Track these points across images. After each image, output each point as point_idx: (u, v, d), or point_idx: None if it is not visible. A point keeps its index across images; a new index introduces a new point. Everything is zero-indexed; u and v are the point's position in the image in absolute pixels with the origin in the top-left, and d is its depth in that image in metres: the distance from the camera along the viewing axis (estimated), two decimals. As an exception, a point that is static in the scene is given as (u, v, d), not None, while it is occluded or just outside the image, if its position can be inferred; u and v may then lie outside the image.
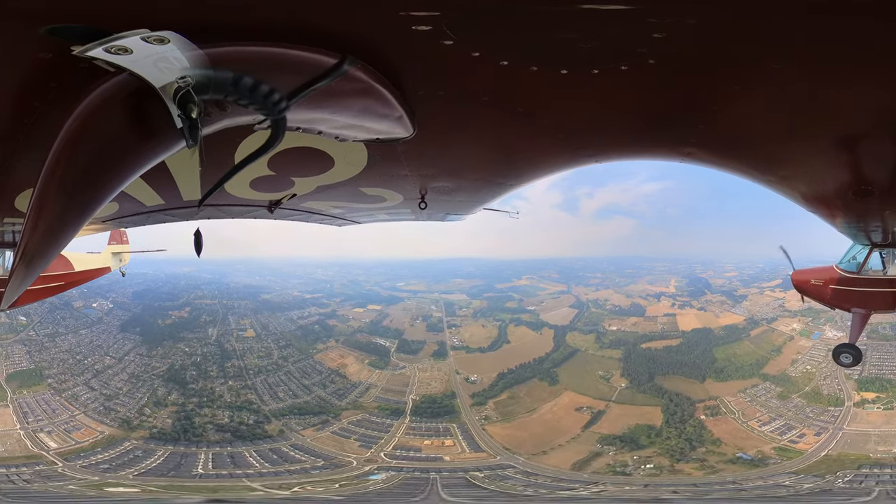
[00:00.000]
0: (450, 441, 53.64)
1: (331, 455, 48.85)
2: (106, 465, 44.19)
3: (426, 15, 4.10)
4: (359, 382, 61.79)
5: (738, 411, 56.93)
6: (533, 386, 64.46)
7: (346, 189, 9.14)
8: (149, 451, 46.70)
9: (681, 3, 4.01)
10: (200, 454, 47.06)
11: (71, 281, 18.64)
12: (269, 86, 4.03)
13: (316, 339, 70.59)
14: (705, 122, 6.29)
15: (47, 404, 51.27)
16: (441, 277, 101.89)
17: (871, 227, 12.17)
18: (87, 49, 3.51)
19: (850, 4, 3.99)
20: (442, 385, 63.24)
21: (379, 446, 51.03)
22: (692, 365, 66.07)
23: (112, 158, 4.29)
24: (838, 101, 5.49)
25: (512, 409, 60.46)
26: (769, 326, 71.65)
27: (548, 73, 5.04)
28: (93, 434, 48.65)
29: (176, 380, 57.46)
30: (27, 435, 46.80)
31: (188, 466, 45.22)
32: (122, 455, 46.09)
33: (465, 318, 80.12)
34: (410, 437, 53.55)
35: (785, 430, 53.44)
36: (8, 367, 53.72)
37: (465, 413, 58.54)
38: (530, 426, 57.60)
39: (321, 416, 54.56)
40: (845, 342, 16.85)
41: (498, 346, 73.05)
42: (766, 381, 61.07)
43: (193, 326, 69.29)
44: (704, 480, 47.04)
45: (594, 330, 75.60)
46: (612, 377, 65.63)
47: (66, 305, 64.73)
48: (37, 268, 4.63)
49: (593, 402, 61.05)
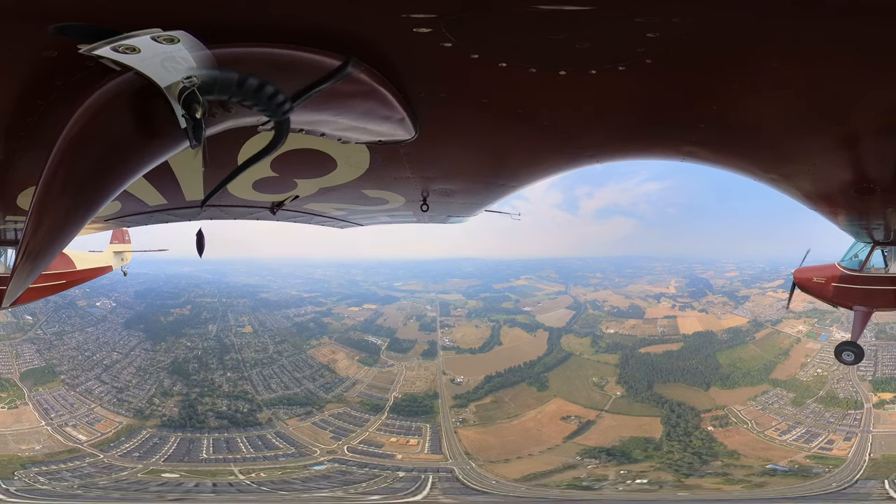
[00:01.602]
0: (414, 440, 53.51)
1: (302, 444, 51.15)
2: (137, 454, 47.53)
3: (425, 17, 4.12)
4: (346, 378, 63.42)
5: (751, 420, 53.83)
6: (520, 391, 62.26)
7: (348, 191, 9.16)
8: (164, 437, 49.81)
9: (663, 3, 4.02)
10: (204, 440, 50.11)
11: (73, 279, 18.63)
12: (274, 87, 4.05)
13: (310, 335, 72.34)
14: (705, 120, 6.29)
15: (64, 399, 53.44)
16: (439, 277, 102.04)
17: (873, 225, 12.18)
18: (95, 48, 3.52)
19: (850, 2, 4.00)
20: (426, 384, 63.15)
21: (348, 439, 52.68)
22: (695, 371, 63.19)
23: (115, 157, 4.30)
24: (839, 99, 5.49)
25: (493, 413, 58.70)
26: (774, 328, 69.35)
27: (546, 74, 5.05)
28: (113, 425, 51.28)
29: (180, 372, 60.27)
30: (55, 430, 49.11)
31: (196, 452, 48.52)
32: (144, 443, 49.11)
33: (459, 318, 79.62)
34: (381, 433, 54.37)
35: (810, 438, 50.65)
36: (20, 365, 55.73)
37: (442, 414, 57.78)
38: (506, 433, 55.41)
39: (306, 408, 56.85)
40: (847, 340, 16.83)
41: (489, 348, 71.94)
42: (777, 386, 58.33)
43: (195, 323, 71.77)
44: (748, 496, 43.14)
45: (590, 333, 73.69)
46: (606, 384, 62.81)
47: (70, 304, 66.75)
48: (39, 266, 4.64)
49: (583, 412, 58.19)
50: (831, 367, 57.23)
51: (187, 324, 71.55)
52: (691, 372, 63.15)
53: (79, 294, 67.36)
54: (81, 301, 69.11)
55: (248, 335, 70.41)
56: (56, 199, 4.24)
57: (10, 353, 56.93)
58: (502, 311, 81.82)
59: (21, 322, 60.94)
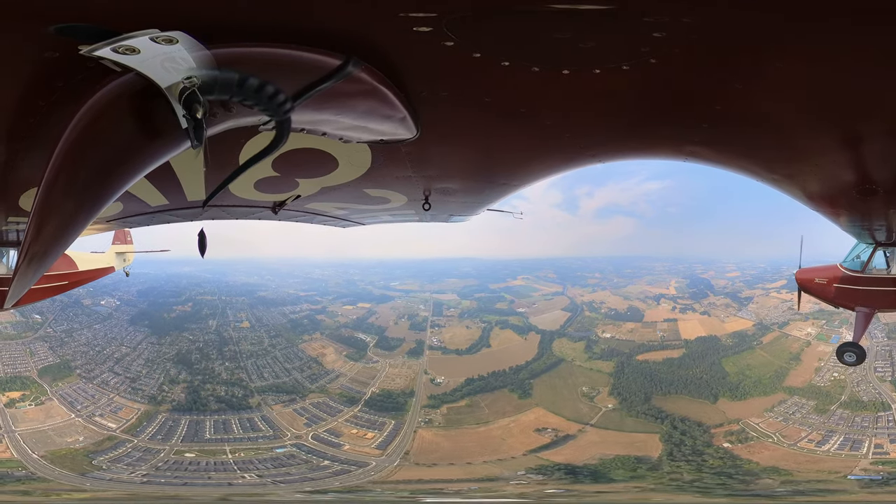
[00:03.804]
0: (372, 434, 54.30)
1: (279, 428, 54.85)
2: (161, 437, 51.69)
3: (426, 16, 4.10)
4: (332, 370, 65.65)
5: (775, 433, 49.56)
6: (499, 396, 59.38)
7: (350, 190, 9.14)
8: (176, 420, 54.35)
9: (676, 3, 4.01)
10: (207, 421, 54.77)
11: (75, 280, 18.62)
12: (274, 87, 4.04)
13: (303, 331, 74.51)
14: (708, 120, 6.28)
15: (84, 391, 56.90)
16: (436, 277, 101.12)
17: (875, 226, 12.18)
18: (95, 49, 3.52)
19: (855, 3, 3.98)
20: (405, 382, 63.19)
21: (317, 427, 55.43)
22: (699, 382, 58.65)
23: (116, 158, 4.29)
24: (843, 100, 5.47)
25: (462, 417, 56.46)
26: (781, 332, 65.15)
27: (549, 73, 5.03)
28: (133, 412, 54.97)
29: (184, 362, 64.33)
30: (86, 421, 52.53)
31: (202, 433, 53.04)
32: (163, 427, 53.33)
33: (451, 318, 78.55)
34: (347, 424, 56.21)
35: (854, 445, 46.95)
36: (36, 363, 58.65)
37: (411, 413, 57.35)
38: (466, 438, 52.92)
39: (291, 395, 60.40)
40: (849, 340, 16.81)
41: (477, 350, 70.05)
42: (794, 395, 54.27)
43: (196, 319, 74.89)
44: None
45: (585, 337, 70.12)
46: (597, 395, 58.34)
47: (76, 304, 69.58)
48: (41, 267, 4.64)
49: (564, 424, 53.84)
50: (847, 369, 52.73)
51: (189, 319, 74.43)
52: (696, 382, 58.84)
53: (83, 293, 69.79)
54: (86, 300, 71.62)
55: (245, 330, 73.39)
56: (58, 200, 4.23)
57: (25, 351, 59.76)
58: (495, 311, 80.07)
59: (30, 321, 63.48)
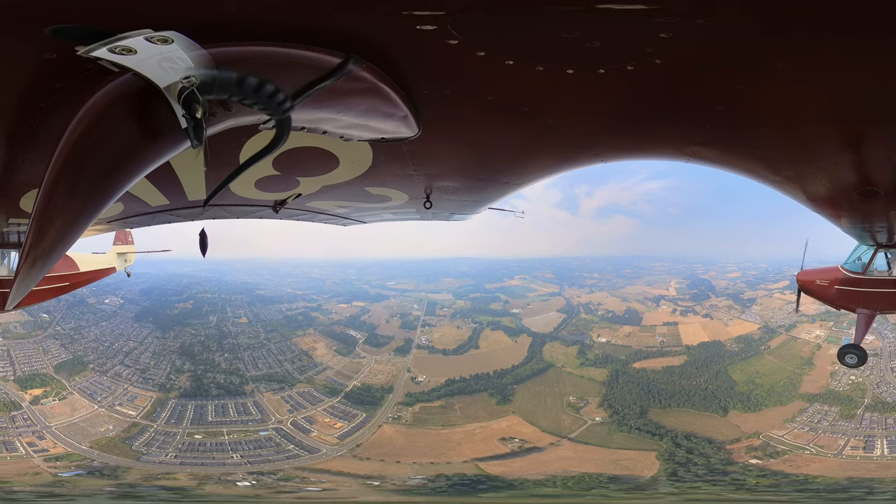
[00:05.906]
0: (340, 424, 56.99)
1: (267, 412, 59.21)
2: (174, 421, 56.88)
3: (431, 14, 4.08)
4: (320, 363, 68.79)
5: (809, 444, 46.35)
6: (476, 400, 57.69)
7: (351, 189, 9.12)
8: (184, 405, 59.27)
9: (691, 4, 3.98)
10: (209, 406, 59.87)
11: (76, 281, 18.60)
12: (274, 85, 4.01)
13: (297, 326, 77.83)
14: (711, 121, 6.26)
15: (100, 384, 61.04)
16: (433, 277, 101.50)
17: (876, 228, 12.15)
18: (92, 49, 3.49)
19: (858, 8, 3.96)
20: (386, 378, 64.63)
21: (297, 414, 59.35)
22: (705, 393, 54.31)
23: (117, 159, 4.27)
24: (845, 102, 5.45)
25: (432, 418, 55.56)
26: (789, 335, 61.56)
27: (553, 72, 5.01)
28: (147, 399, 59.54)
29: (187, 353, 69.21)
30: (108, 410, 56.95)
31: (205, 416, 58.36)
32: (174, 412, 58.06)
33: (442, 318, 78.53)
34: (324, 413, 59.38)
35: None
36: (51, 359, 62.34)
37: (384, 407, 59.18)
38: (424, 439, 52.18)
39: (281, 384, 64.41)
40: (850, 343, 16.78)
41: (464, 351, 69.08)
42: (814, 402, 51.04)
43: (197, 315, 79.14)
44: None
45: (578, 341, 66.82)
46: (585, 406, 54.65)
47: (81, 303, 73.41)
48: (42, 268, 4.61)
49: (537, 436, 50.55)
50: (864, 371, 51.28)
51: (191, 316, 78.64)
52: (700, 394, 54.38)
53: (87, 293, 73.16)
54: (91, 299, 75.39)
55: (243, 325, 77.62)
56: (59, 201, 4.21)
57: (38, 349, 63.29)
58: (489, 312, 78.65)
59: (38, 320, 67.04)
